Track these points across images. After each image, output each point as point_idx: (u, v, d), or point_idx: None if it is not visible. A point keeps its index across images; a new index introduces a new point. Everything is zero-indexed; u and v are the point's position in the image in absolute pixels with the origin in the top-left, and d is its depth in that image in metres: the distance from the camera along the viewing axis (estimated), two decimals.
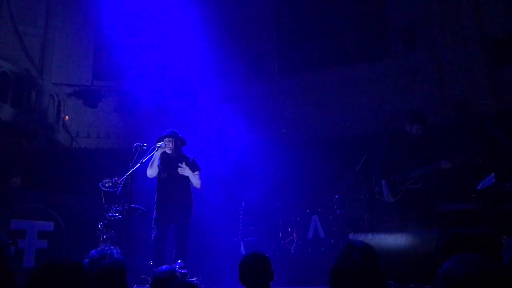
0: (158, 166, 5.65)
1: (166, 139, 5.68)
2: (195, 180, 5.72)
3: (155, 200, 5.68)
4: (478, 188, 5.27)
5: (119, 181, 5.25)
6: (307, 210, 7.54)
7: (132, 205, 5.22)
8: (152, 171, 5.62)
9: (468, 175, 5.92)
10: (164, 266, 3.51)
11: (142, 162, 5.27)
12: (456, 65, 9.25)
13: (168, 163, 5.72)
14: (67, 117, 10.81)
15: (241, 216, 7.61)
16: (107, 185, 5.47)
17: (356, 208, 7.18)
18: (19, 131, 9.51)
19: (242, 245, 7.42)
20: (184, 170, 5.62)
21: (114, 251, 2.68)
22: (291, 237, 7.50)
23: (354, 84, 9.98)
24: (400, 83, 9.62)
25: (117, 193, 5.16)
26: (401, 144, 5.71)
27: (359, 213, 6.99)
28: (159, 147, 5.55)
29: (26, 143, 9.73)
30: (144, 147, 5.38)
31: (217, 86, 9.53)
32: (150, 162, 5.56)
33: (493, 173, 4.92)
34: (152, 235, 5.52)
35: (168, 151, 5.68)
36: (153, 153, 5.51)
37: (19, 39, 10.25)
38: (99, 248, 2.74)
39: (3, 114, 9.12)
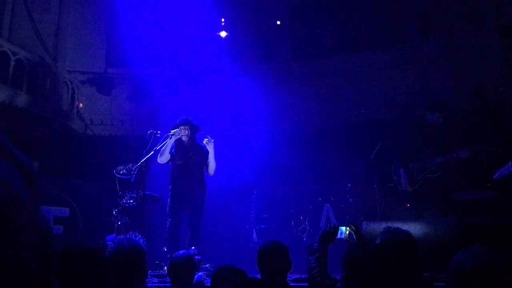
0: (171, 153, 5.63)
1: (182, 126, 5.65)
2: (213, 164, 5.70)
3: (170, 187, 5.69)
4: (495, 177, 5.19)
5: (133, 168, 5.25)
6: (320, 199, 7.52)
7: (146, 192, 5.22)
8: (162, 158, 5.58)
9: (485, 164, 5.83)
10: (181, 252, 3.47)
11: (156, 149, 5.27)
12: (473, 52, 9.08)
13: (183, 150, 5.71)
14: (81, 105, 10.87)
15: (253, 204, 7.62)
16: (121, 172, 5.48)
17: (369, 197, 7.15)
18: (34, 118, 9.58)
19: (254, 233, 7.42)
20: (210, 142, 5.61)
21: (141, 240, 2.68)
22: (304, 225, 7.49)
23: (368, 71, 9.87)
24: (415, 70, 9.49)
25: (131, 180, 5.15)
26: (421, 133, 5.63)
27: (372, 201, 6.94)
28: (173, 134, 5.52)
29: (41, 130, 9.85)
30: (158, 135, 5.36)
31: (229, 73, 9.46)
32: (163, 148, 5.54)
33: (510, 162, 4.84)
34: (167, 222, 5.54)
35: (184, 139, 5.66)
36: (167, 141, 5.51)
37: (33, 26, 10.30)
38: (126, 235, 2.73)
39: (19, 101, 9.19)
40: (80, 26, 11.15)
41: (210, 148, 5.65)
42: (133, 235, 2.71)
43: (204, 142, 5.65)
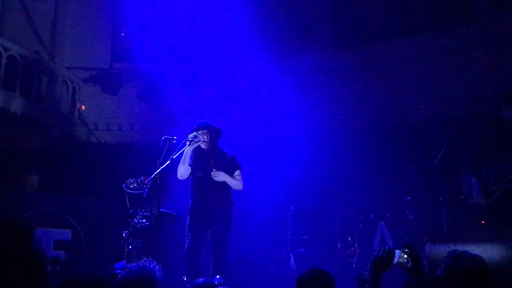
0: (189, 164, 5.67)
1: (200, 131, 5.67)
2: (234, 182, 5.73)
3: (189, 203, 5.74)
4: None
5: (145, 182, 5.29)
6: (372, 215, 7.53)
7: (161, 210, 5.25)
8: (183, 172, 5.64)
9: None
10: (201, 280, 3.46)
11: (172, 158, 5.28)
12: None
13: (202, 160, 5.73)
14: (83, 107, 11.03)
15: (290, 223, 7.63)
16: (131, 186, 5.55)
17: (433, 212, 7.11)
18: (30, 124, 9.81)
19: (292, 258, 7.43)
20: (219, 175, 5.62)
21: (156, 268, 2.70)
22: (352, 248, 7.52)
23: (427, 58, 9.71)
24: (487, 55, 9.29)
25: (144, 195, 5.18)
26: (496, 133, 5.51)
27: (437, 218, 6.91)
28: (192, 141, 5.54)
29: (38, 138, 10.06)
30: (174, 141, 5.39)
31: (258, 66, 9.49)
32: (181, 160, 5.58)
33: None
34: (186, 244, 5.58)
35: (203, 146, 5.68)
36: (184, 149, 5.51)
37: (27, 16, 10.56)
38: (139, 263, 2.76)
39: (12, 105, 9.43)
40: (81, 16, 11.34)
41: (222, 176, 5.65)
42: (147, 262, 2.73)
43: (212, 175, 5.63)
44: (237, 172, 5.79)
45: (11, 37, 10.04)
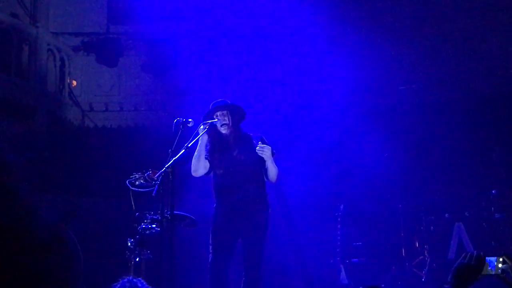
0: (207, 158, 5.59)
1: (219, 111, 5.58)
2: (273, 169, 5.57)
3: (214, 206, 5.69)
4: None
5: (155, 177, 5.23)
6: (446, 215, 7.54)
7: (175, 212, 5.18)
8: (197, 167, 5.57)
9: None
10: None
11: (187, 147, 5.18)
12: None
13: (223, 150, 5.62)
14: (74, 83, 11.02)
15: (339, 226, 7.62)
16: (137, 182, 5.52)
17: None
18: (10, 107, 9.78)
19: (342, 270, 7.43)
20: (265, 150, 5.43)
21: (139, 284, 2.80)
22: (421, 257, 7.52)
23: None
24: None
25: (153, 194, 5.08)
26: None
27: None
28: (210, 124, 5.44)
29: (20, 124, 10.02)
30: (190, 124, 5.27)
31: (297, 23, 9.34)
32: (196, 153, 5.49)
33: None
34: (209, 257, 5.51)
35: (224, 131, 5.59)
36: (200, 136, 5.44)
37: None
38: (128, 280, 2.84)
39: None
40: None
41: (267, 152, 5.49)
42: (138, 282, 2.87)
43: (257, 151, 5.47)
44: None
45: None
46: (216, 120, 5.51)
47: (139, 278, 3.05)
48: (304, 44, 9.29)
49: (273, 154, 5.62)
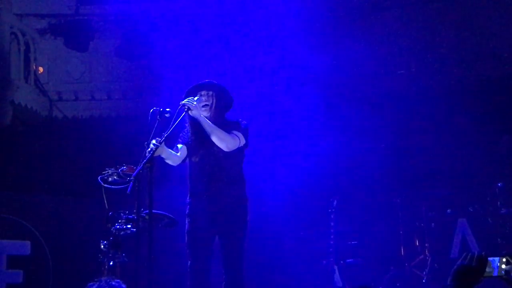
0: (184, 143, 5.51)
1: (203, 91, 5.43)
2: (222, 135, 5.29)
3: (187, 200, 5.61)
4: None
5: (130, 172, 5.11)
6: (448, 210, 7.58)
7: (153, 211, 5.00)
8: (173, 156, 5.39)
9: None
10: None
11: (165, 137, 5.00)
12: None
13: (200, 136, 5.38)
14: (41, 69, 10.97)
15: (332, 223, 7.52)
16: (110, 179, 5.36)
17: None
18: None
19: (336, 272, 7.40)
20: (195, 107, 5.21)
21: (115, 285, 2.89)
22: (422, 256, 7.59)
23: None
24: None
25: (128, 191, 4.83)
26: None
27: None
28: (189, 106, 5.19)
29: None
30: (167, 114, 5.10)
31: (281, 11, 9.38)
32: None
33: None
34: (188, 262, 5.49)
35: (204, 112, 5.37)
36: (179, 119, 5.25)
37: None
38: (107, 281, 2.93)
39: None
40: None
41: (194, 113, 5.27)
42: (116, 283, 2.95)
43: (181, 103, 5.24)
44: (234, 133, 5.45)
45: None
46: (197, 98, 5.32)
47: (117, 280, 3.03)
48: (298, 27, 9.18)
49: (241, 137, 5.47)
